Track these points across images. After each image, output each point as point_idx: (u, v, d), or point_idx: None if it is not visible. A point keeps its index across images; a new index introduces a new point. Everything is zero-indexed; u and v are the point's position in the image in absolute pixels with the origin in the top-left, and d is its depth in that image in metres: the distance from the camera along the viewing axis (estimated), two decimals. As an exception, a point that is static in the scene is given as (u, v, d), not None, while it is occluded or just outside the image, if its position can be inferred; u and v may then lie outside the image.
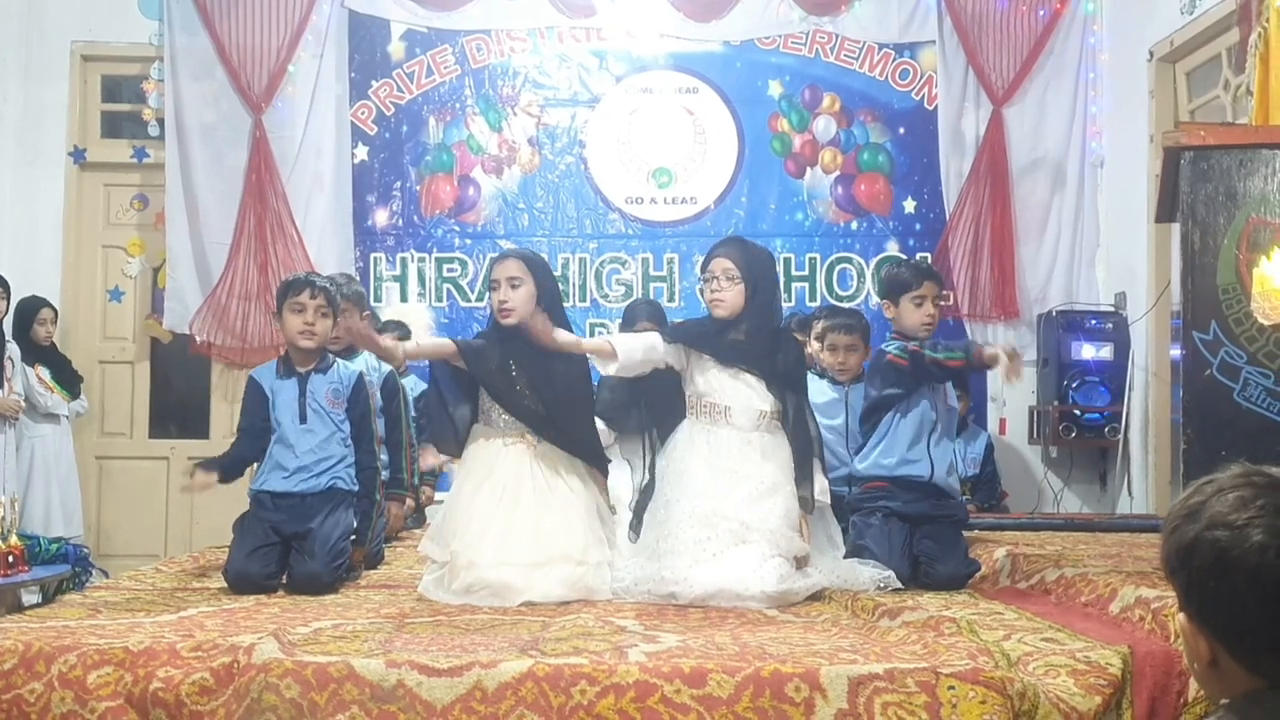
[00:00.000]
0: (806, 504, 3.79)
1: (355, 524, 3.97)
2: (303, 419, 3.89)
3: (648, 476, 3.85)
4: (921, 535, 3.97)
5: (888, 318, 4.24)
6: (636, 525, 3.82)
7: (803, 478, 3.80)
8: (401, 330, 5.68)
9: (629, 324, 5.05)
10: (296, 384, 3.92)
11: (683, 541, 3.59)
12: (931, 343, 4.03)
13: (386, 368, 4.66)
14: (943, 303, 4.12)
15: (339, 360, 4.10)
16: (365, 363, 4.50)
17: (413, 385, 5.57)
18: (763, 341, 3.82)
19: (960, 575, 3.91)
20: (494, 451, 3.75)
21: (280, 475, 3.88)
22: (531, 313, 3.67)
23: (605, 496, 3.87)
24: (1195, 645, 1.50)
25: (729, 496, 3.66)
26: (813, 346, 4.87)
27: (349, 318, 4.48)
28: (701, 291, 3.94)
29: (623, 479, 4.10)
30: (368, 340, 3.81)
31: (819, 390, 4.66)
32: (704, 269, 3.90)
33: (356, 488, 3.99)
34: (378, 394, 4.46)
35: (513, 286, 3.75)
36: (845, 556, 3.96)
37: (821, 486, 3.86)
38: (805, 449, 3.82)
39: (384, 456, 4.44)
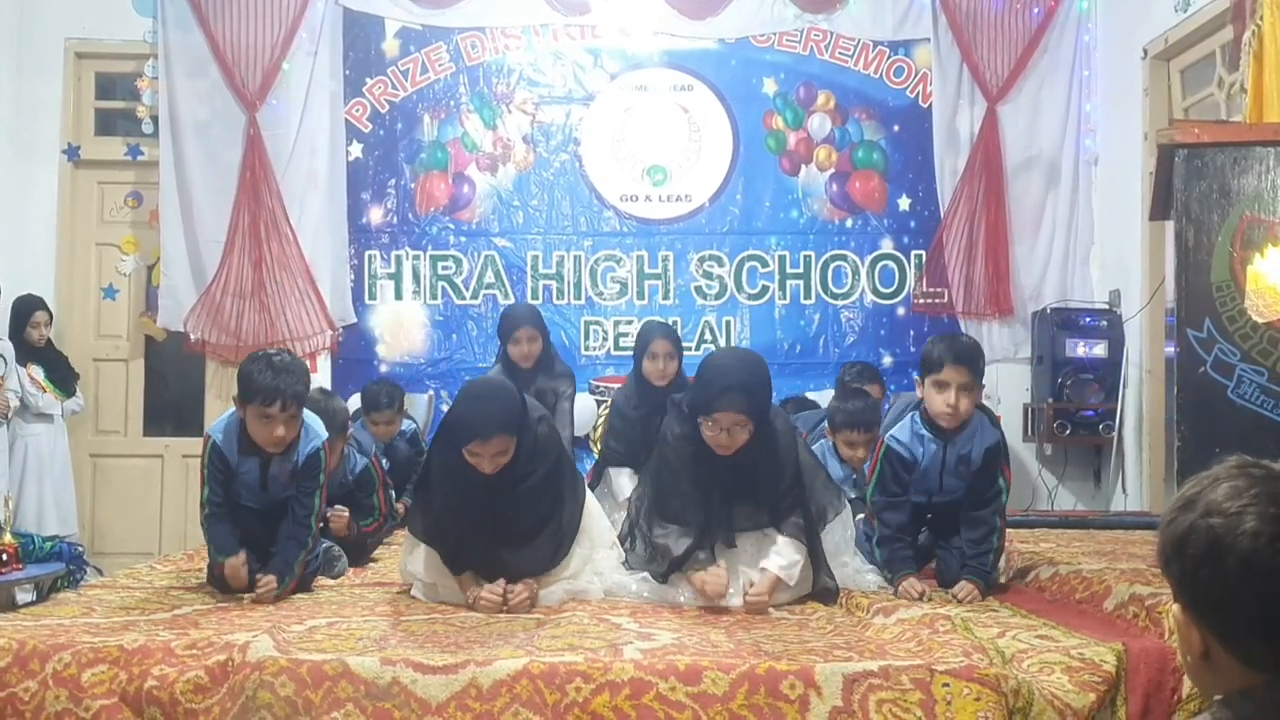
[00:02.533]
0: (829, 595, 3.61)
1: (320, 509, 3.80)
2: (264, 487, 3.69)
3: (637, 504, 3.80)
4: (932, 533, 3.94)
5: (919, 395, 3.82)
6: (629, 540, 3.77)
7: (817, 568, 3.63)
8: (398, 402, 5.68)
9: (643, 347, 4.97)
10: (259, 464, 3.67)
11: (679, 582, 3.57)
12: (889, 551, 3.70)
13: (364, 460, 4.49)
14: (980, 388, 3.72)
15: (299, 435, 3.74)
16: (353, 452, 4.42)
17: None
18: (754, 469, 3.57)
19: None
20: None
21: (242, 513, 3.72)
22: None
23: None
24: (1188, 636, 1.50)
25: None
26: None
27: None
28: (700, 425, 3.52)
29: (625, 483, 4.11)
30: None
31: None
32: (705, 410, 3.48)
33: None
34: (349, 478, 4.39)
35: (502, 455, 3.38)
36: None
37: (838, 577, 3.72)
38: (814, 549, 3.63)
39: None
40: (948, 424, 3.61)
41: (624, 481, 4.76)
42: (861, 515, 4.00)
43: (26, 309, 6.72)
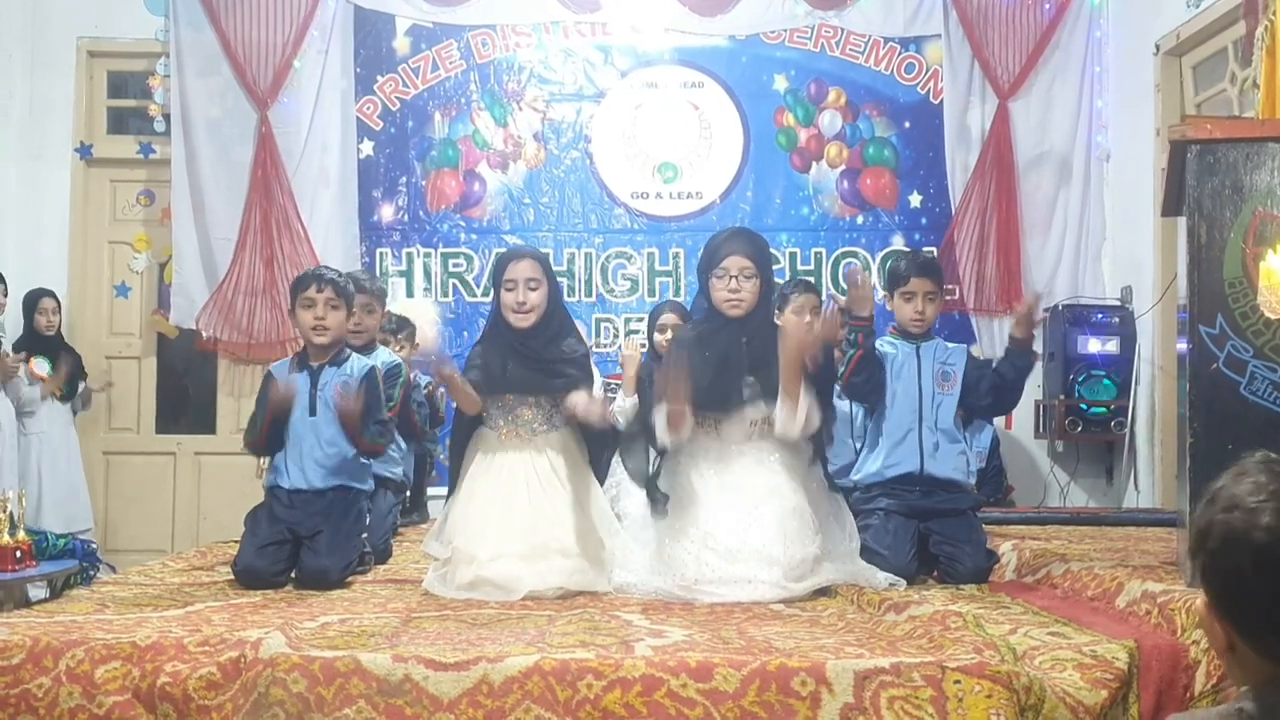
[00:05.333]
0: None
1: (368, 521, 3.99)
2: (312, 411, 3.87)
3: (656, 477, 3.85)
4: (935, 536, 3.94)
5: (888, 310, 4.21)
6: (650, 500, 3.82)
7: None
8: (407, 329, 5.71)
9: (653, 324, 5.15)
10: (308, 377, 3.90)
11: (682, 564, 3.58)
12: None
13: (395, 360, 4.69)
14: (946, 298, 3.99)
15: (354, 354, 4.07)
16: (377, 357, 4.52)
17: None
18: (766, 338, 3.77)
19: (982, 569, 3.90)
20: (492, 451, 3.79)
21: (292, 470, 3.88)
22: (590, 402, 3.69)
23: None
24: (1213, 630, 1.51)
25: (721, 518, 3.61)
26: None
27: (372, 312, 4.56)
28: (710, 287, 3.79)
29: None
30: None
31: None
32: (714, 264, 3.76)
33: (370, 487, 4.01)
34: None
35: (531, 288, 3.74)
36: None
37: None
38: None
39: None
40: (917, 330, 4.07)
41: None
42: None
43: (34, 297, 6.75)
